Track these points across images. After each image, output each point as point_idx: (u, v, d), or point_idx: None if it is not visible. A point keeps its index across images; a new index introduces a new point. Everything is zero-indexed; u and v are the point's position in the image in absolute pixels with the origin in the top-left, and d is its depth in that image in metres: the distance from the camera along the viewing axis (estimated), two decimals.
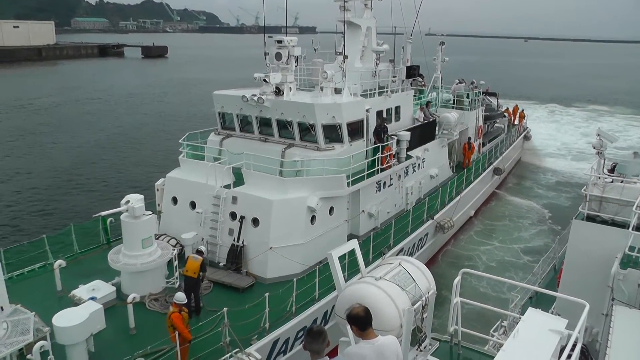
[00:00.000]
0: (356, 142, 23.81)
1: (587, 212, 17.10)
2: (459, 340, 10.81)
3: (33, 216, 38.26)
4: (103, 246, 23.18)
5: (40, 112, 79.20)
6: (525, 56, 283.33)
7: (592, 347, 14.55)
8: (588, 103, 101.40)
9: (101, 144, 60.39)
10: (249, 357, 14.61)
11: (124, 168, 51.06)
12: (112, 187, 44.53)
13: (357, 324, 7.32)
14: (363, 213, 24.30)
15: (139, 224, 18.38)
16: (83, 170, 49.90)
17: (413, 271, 10.50)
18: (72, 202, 41.25)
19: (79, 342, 14.65)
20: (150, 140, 63.13)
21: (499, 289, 26.84)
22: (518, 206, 42.32)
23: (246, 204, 20.91)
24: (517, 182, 49.13)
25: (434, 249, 30.43)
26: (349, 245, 10.89)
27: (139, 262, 18.37)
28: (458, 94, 38.09)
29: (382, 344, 7.35)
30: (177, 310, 14.72)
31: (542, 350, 8.00)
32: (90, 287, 18.55)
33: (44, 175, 47.96)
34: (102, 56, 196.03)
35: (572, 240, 17.32)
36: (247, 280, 19.82)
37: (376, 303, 9.25)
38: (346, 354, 7.29)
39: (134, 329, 16.74)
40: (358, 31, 29.71)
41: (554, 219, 39.04)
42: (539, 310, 9.36)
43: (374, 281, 9.95)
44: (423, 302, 9.96)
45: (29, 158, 53.89)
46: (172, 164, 25.42)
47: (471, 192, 34.37)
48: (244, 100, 23.35)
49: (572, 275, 16.82)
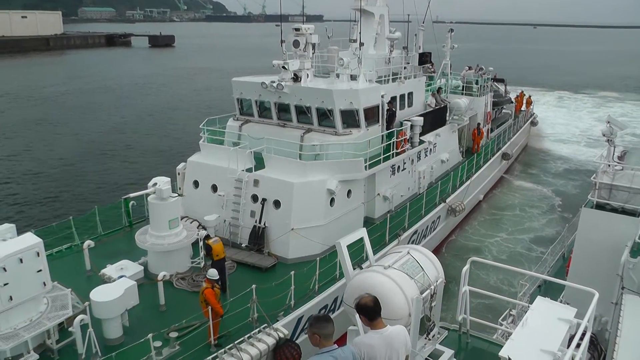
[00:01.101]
0: (372, 127, 24.14)
1: (596, 200, 16.56)
2: (468, 329, 10.83)
3: (57, 200, 39.12)
4: (125, 229, 23.60)
5: (48, 102, 79.41)
6: (534, 43, 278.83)
7: (601, 336, 14.46)
8: (598, 89, 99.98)
9: (119, 131, 61.13)
10: (277, 332, 15.02)
11: (141, 154, 51.70)
12: (130, 173, 45.33)
13: (366, 313, 7.40)
14: (378, 196, 24.70)
15: (166, 205, 18.82)
16: (102, 156, 50.63)
17: (421, 260, 10.51)
18: (94, 186, 42.02)
19: (114, 316, 15.17)
20: (164, 128, 63.66)
21: (508, 279, 26.60)
22: (525, 193, 42.17)
23: (268, 187, 21.33)
24: (525, 167, 49.18)
25: (446, 232, 30.83)
26: (358, 233, 10.94)
27: (166, 242, 18.85)
28: (467, 80, 38.33)
29: (391, 334, 7.41)
30: (210, 286, 15.13)
31: (551, 339, 7.91)
32: (119, 266, 19.02)
33: (68, 161, 48.85)
34: (109, 46, 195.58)
35: (581, 229, 16.78)
36: (269, 261, 20.30)
37: (385, 292, 9.24)
38: (355, 344, 7.32)
39: (163, 305, 17.21)
40: (372, 19, 29.96)
41: (562, 206, 38.92)
42: (547, 299, 9.24)
43: (382, 270, 9.93)
44: (431, 290, 9.97)
45: (50, 146, 54.50)
46: (186, 150, 25.77)
47: (480, 177, 34.69)
48: (263, 86, 23.69)
49: (581, 264, 16.36)
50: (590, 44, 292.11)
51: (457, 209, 29.01)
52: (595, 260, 15.57)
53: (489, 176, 37.86)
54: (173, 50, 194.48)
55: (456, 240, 32.60)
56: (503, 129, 43.36)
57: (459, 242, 32.43)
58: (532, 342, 7.82)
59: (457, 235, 33.04)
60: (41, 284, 14.55)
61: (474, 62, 43.72)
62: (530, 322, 8.31)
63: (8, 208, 37.29)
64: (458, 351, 10.35)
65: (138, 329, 15.52)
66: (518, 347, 7.65)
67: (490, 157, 37.45)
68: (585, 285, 9.25)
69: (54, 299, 15.56)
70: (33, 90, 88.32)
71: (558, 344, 7.76)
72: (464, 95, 36.31)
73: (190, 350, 14.60)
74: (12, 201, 38.89)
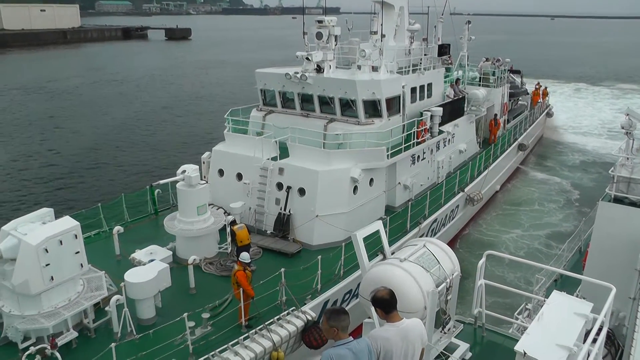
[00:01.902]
0: (394, 117, 24.40)
1: (614, 194, 16.20)
2: (483, 323, 10.72)
3: (84, 188, 40.17)
4: (151, 216, 24.08)
5: (65, 94, 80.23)
6: (552, 34, 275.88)
7: (618, 332, 14.20)
8: (616, 81, 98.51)
9: (139, 122, 62.15)
10: (305, 315, 15.37)
11: (163, 144, 52.51)
12: (155, 162, 46.28)
13: (382, 306, 7.34)
14: (399, 185, 24.96)
15: (194, 192, 19.22)
16: (126, 147, 51.64)
17: (437, 253, 10.30)
18: (119, 174, 43.03)
19: (148, 297, 15.60)
20: (185, 118, 64.40)
21: (525, 277, 26.19)
22: (541, 186, 41.91)
23: (293, 175, 21.66)
24: (540, 159, 49.13)
25: (464, 221, 31.06)
26: (374, 226, 10.85)
27: (195, 228, 19.25)
28: (484, 71, 38.42)
29: (407, 327, 7.35)
30: (242, 269, 15.51)
31: (567, 334, 7.75)
32: (148, 251, 19.45)
33: (92, 150, 49.95)
34: (125, 39, 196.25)
35: (598, 222, 16.42)
36: (294, 247, 20.68)
37: (400, 285, 9.10)
38: (371, 336, 7.27)
39: (193, 288, 17.65)
40: (392, 11, 30.10)
41: (579, 200, 38.60)
42: (563, 293, 9.06)
43: (398, 262, 9.75)
44: (447, 284, 9.82)
45: (76, 135, 55.75)
46: (208, 140, 26.10)
47: (497, 167, 34.85)
48: (287, 77, 23.99)
49: (598, 258, 16.05)
50: (609, 35, 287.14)
51: (475, 199, 29.21)
52: (613, 254, 15.32)
53: (505, 167, 37.99)
54: (189, 43, 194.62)
55: (470, 235, 32.49)
56: (519, 120, 43.40)
57: (474, 237, 32.29)
58: (547, 336, 7.73)
59: (471, 229, 32.96)
60: (79, 265, 15.06)
61: (490, 54, 43.76)
62: (546, 316, 8.21)
63: (39, 195, 38.28)
64: (473, 345, 10.30)
65: (170, 309, 15.95)
66: (534, 342, 7.55)
67: (507, 147, 37.56)
68: (602, 279, 9.04)
69: (89, 280, 16.06)
70: (56, 82, 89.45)
71: (574, 339, 7.64)
72: (480, 87, 36.45)
73: (221, 330, 14.98)
74: (43, 188, 39.92)
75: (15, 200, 37.40)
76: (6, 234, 14.56)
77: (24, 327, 14.03)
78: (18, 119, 62.51)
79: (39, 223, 15.00)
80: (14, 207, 35.21)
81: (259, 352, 13.77)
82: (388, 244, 10.85)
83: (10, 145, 51.19)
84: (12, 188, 39.91)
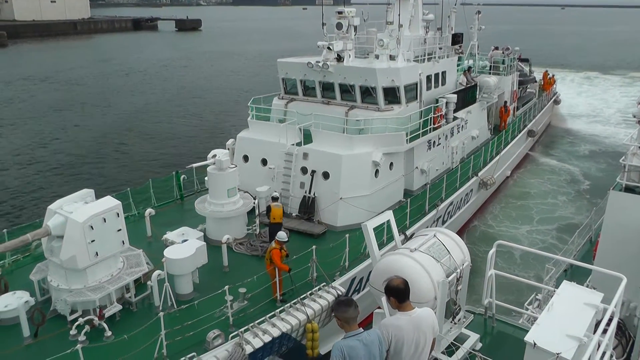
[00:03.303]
0: (411, 104, 24.86)
1: (625, 183, 15.96)
2: (493, 313, 10.61)
3: (114, 171, 41.39)
4: (176, 201, 24.64)
5: (77, 85, 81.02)
6: (562, 24, 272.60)
7: (629, 322, 13.92)
8: (628, 70, 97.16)
9: (157, 111, 63.15)
10: (335, 290, 15.93)
11: (184, 133, 53.37)
12: (176, 150, 47.05)
13: (396, 295, 7.25)
14: (416, 169, 25.49)
15: (225, 175, 19.74)
16: (151, 134, 52.75)
17: (448, 243, 10.18)
18: (145, 161, 43.99)
19: (187, 273, 16.20)
20: (204, 107, 65.28)
21: (535, 272, 24.92)
22: (550, 176, 41.30)
23: (317, 159, 22.20)
24: (549, 147, 49.35)
25: (477, 205, 31.56)
26: (384, 216, 10.89)
27: (225, 210, 19.82)
28: (494, 60, 38.80)
29: (419, 316, 7.28)
30: (277, 247, 16.06)
31: (577, 324, 7.68)
32: (180, 232, 19.91)
33: (115, 138, 51.12)
34: (135, 30, 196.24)
35: (609, 212, 16.18)
36: (320, 228, 21.26)
37: (411, 275, 8.95)
38: (383, 325, 7.21)
39: (226, 267, 18.23)
40: (407, 2, 30.48)
41: (589, 190, 38.22)
42: (573, 283, 8.97)
43: (408, 252, 9.61)
44: (458, 274, 9.76)
45: (99, 123, 57.11)
46: (227, 127, 26.53)
47: (508, 153, 35.31)
48: (309, 66, 24.43)
49: (608, 248, 15.85)
50: (619, 24, 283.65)
51: (488, 183, 29.69)
52: (624, 244, 15.10)
53: (515, 152, 38.43)
54: (200, 34, 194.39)
55: (479, 228, 31.93)
56: (528, 107, 43.76)
57: (482, 230, 31.70)
58: (557, 327, 7.65)
59: (480, 222, 32.64)
60: (120, 242, 15.65)
61: (500, 44, 44.04)
62: (556, 307, 8.14)
63: (71, 179, 39.57)
64: (483, 335, 10.23)
65: (206, 286, 16.55)
66: (544, 332, 7.53)
67: (517, 134, 37.97)
68: (613, 269, 8.91)
69: (127, 258, 16.67)
70: (73, 71, 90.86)
71: (584, 329, 7.58)
72: (491, 75, 36.86)
73: (257, 304, 15.59)
74: (76, 171, 41.49)
75: (44, 185, 38.52)
76: (52, 212, 15.15)
77: (72, 299, 14.64)
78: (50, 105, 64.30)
79: (81, 203, 15.56)
80: (42, 192, 36.20)
81: (295, 324, 14.36)
82: (398, 233, 10.92)
83: (43, 131, 52.91)
84: (46, 172, 41.40)
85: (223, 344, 13.45)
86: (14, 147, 47.26)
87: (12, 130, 53.11)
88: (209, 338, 13.46)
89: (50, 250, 15.06)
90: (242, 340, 13.34)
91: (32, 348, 13.88)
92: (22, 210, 33.97)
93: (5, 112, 60.77)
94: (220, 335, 13.63)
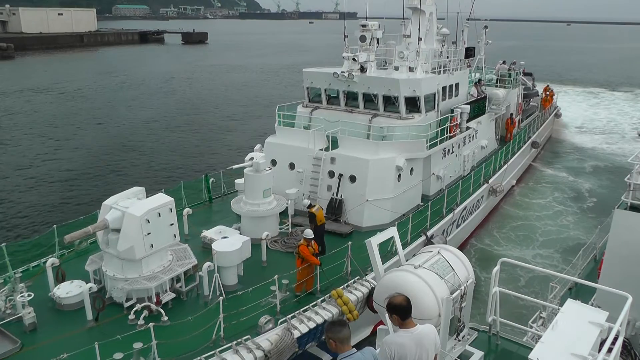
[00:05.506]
0: (430, 113, 25.85)
1: (630, 202, 15.58)
2: (497, 331, 10.51)
3: (148, 174, 42.57)
4: (205, 203, 25.47)
5: (89, 95, 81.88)
6: (568, 40, 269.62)
7: (635, 341, 13.76)
8: (633, 87, 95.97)
9: (188, 119, 64.32)
10: (369, 283, 16.82)
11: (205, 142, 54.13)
12: (211, 154, 48.04)
13: (398, 313, 7.13)
14: (433, 175, 26.41)
15: (261, 176, 20.65)
16: (185, 141, 53.97)
17: (452, 260, 10.21)
18: (176, 164, 45.14)
19: (233, 265, 17.06)
20: (226, 117, 66.14)
21: (537, 282, 24.90)
22: (552, 190, 40.69)
23: (344, 164, 23.13)
24: (551, 159, 49.68)
25: (486, 211, 32.45)
26: (388, 232, 11.11)
27: (261, 209, 20.70)
28: (501, 73, 39.88)
29: (421, 333, 7.22)
30: (305, 243, 16.96)
31: (582, 343, 7.58)
32: (217, 230, 20.75)
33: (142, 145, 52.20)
34: (142, 42, 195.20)
35: (614, 230, 15.75)
36: (347, 228, 22.18)
37: (415, 291, 8.94)
38: (385, 342, 7.16)
39: (265, 261, 19.10)
40: (424, 17, 31.50)
41: (592, 208, 36.80)
42: (578, 301, 8.86)
43: (412, 269, 9.66)
44: (462, 291, 9.71)
45: (130, 129, 58.70)
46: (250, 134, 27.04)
47: (514, 163, 36.27)
48: (335, 76, 25.39)
49: (613, 267, 15.44)
50: (625, 41, 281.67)
51: (498, 190, 30.66)
52: (629, 263, 14.78)
53: (520, 163, 39.41)
54: (206, 47, 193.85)
55: (481, 246, 30.42)
56: (531, 119, 44.82)
57: (485, 249, 30.13)
58: (562, 345, 7.55)
59: (482, 238, 31.35)
60: (172, 236, 16.53)
61: (506, 58, 45.08)
62: (560, 325, 8.04)
63: (112, 179, 40.89)
64: (488, 353, 10.16)
65: (249, 277, 17.43)
66: (548, 350, 7.42)
67: (522, 145, 38.98)
68: (618, 288, 8.76)
69: (175, 251, 17.51)
70: (92, 83, 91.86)
71: (589, 348, 7.49)
72: (498, 88, 37.95)
73: (296, 296, 16.52)
74: (118, 173, 42.82)
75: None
76: (108, 208, 16.05)
77: (129, 287, 15.48)
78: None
79: (134, 199, 16.44)
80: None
81: (335, 312, 15.30)
82: (402, 248, 11.46)
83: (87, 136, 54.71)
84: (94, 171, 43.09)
85: (273, 329, 14.31)
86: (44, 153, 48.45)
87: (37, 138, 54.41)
88: (261, 323, 14.36)
89: (106, 242, 15.92)
90: (289, 325, 14.25)
91: (95, 330, 14.69)
92: (78, 205, 35.11)
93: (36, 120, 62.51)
94: (271, 320, 14.52)
